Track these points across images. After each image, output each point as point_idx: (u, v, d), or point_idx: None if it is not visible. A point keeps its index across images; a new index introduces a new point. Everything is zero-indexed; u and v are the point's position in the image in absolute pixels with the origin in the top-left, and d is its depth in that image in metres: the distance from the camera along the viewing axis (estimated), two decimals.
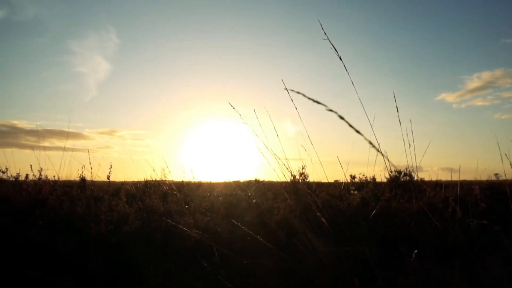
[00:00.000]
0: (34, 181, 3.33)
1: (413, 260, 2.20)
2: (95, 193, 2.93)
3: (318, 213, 2.99)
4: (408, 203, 4.01)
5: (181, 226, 2.76)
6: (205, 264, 2.64)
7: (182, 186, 4.61)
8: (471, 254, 2.18)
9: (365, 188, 4.07)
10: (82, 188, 3.10)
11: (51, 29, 44.12)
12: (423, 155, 3.05)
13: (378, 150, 0.93)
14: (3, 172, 3.61)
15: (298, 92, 1.02)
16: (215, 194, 3.74)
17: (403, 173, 5.18)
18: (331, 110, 0.98)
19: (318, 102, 0.99)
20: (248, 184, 5.23)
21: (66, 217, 2.61)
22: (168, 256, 2.80)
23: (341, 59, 2.05)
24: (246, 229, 3.34)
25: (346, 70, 2.08)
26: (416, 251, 2.11)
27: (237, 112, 2.46)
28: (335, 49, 2.03)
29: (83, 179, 3.43)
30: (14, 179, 3.63)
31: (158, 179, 4.84)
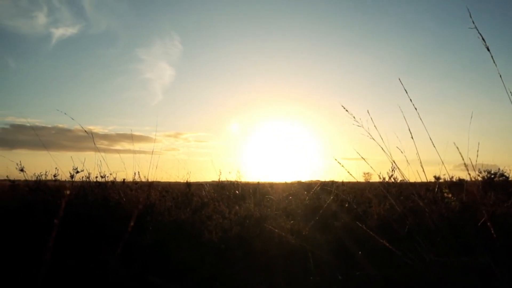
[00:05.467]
0: (133, 183, 3.46)
1: None
2: (200, 199, 2.94)
3: (428, 219, 2.77)
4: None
5: (283, 233, 2.68)
6: (307, 270, 2.53)
7: (258, 188, 4.55)
8: None
9: (464, 192, 3.73)
10: (187, 193, 3.14)
11: (121, 39, 46.69)
12: None
13: None
14: (102, 177, 3.79)
15: None
16: (302, 197, 3.62)
17: (498, 173, 4.70)
18: None
19: None
20: (320, 185, 5.07)
21: (175, 223, 2.64)
22: (268, 262, 2.72)
23: (488, 49, 1.84)
24: (342, 234, 3.19)
25: (494, 62, 1.85)
26: None
27: (351, 114, 2.31)
28: (483, 39, 1.84)
29: (188, 185, 3.50)
30: (111, 183, 3.79)
31: (233, 180, 4.85)
